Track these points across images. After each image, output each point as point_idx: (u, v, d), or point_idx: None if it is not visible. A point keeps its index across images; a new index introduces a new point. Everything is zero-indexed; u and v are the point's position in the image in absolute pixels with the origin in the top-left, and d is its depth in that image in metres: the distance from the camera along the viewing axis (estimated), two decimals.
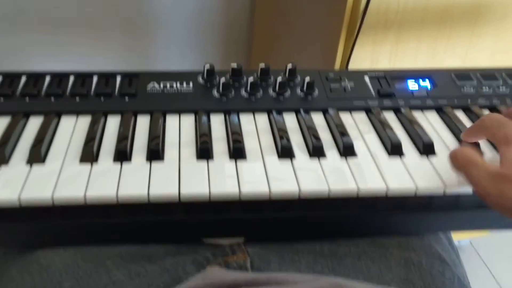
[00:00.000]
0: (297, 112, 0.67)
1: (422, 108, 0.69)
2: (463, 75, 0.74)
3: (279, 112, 0.66)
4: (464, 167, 0.52)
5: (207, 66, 0.69)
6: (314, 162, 0.59)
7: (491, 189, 0.49)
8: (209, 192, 0.53)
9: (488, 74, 0.74)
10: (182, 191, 0.53)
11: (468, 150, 0.53)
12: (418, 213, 0.58)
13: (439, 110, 0.69)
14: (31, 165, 0.56)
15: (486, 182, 0.49)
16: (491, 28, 1.02)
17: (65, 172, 0.55)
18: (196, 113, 0.66)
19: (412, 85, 0.72)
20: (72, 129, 0.62)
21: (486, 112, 0.69)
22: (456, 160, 0.53)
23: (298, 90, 0.69)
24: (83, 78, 0.69)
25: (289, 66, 0.71)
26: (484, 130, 0.58)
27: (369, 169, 0.58)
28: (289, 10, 1.27)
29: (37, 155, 0.56)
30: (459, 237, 1.63)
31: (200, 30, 1.50)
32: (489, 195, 0.49)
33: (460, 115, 0.68)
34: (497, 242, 1.74)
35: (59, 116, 0.64)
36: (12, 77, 0.68)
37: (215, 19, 1.50)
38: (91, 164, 0.56)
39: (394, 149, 0.61)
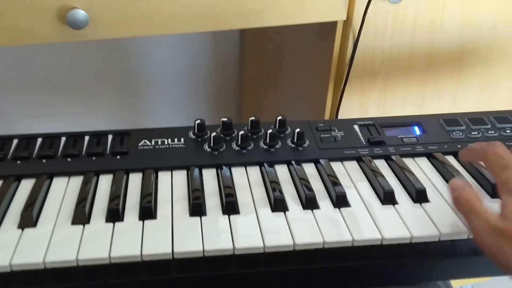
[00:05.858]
0: (288, 163, 0.67)
1: (413, 154, 0.69)
2: (452, 120, 0.74)
3: (271, 164, 0.66)
4: (466, 213, 0.53)
5: (198, 121, 0.70)
6: (308, 213, 0.58)
7: (490, 242, 0.49)
8: (203, 249, 0.53)
9: (476, 119, 0.75)
10: (175, 249, 0.53)
11: (471, 195, 0.53)
12: (414, 262, 0.57)
13: (430, 156, 0.69)
14: (22, 229, 0.55)
15: (486, 234, 0.49)
16: (477, 71, 1.03)
17: (57, 235, 0.55)
18: (188, 169, 0.66)
19: (401, 132, 0.72)
20: (64, 190, 0.62)
21: None
22: (459, 204, 0.54)
23: (289, 142, 0.69)
24: (75, 138, 0.69)
25: (279, 118, 0.71)
26: (485, 162, 0.58)
27: (363, 219, 0.58)
28: (278, 62, 1.29)
29: (28, 219, 0.56)
30: (460, 283, 1.60)
31: (191, 87, 1.52)
32: (487, 247, 0.49)
33: (451, 160, 0.69)
34: (500, 286, 1.71)
35: (51, 177, 0.64)
36: (3, 140, 0.69)
37: (205, 74, 1.51)
38: (83, 226, 0.56)
39: (387, 198, 0.61)
